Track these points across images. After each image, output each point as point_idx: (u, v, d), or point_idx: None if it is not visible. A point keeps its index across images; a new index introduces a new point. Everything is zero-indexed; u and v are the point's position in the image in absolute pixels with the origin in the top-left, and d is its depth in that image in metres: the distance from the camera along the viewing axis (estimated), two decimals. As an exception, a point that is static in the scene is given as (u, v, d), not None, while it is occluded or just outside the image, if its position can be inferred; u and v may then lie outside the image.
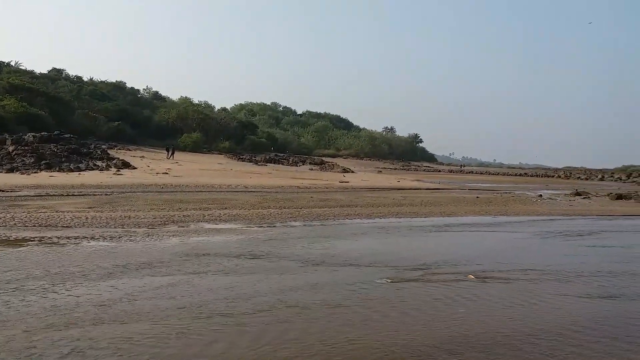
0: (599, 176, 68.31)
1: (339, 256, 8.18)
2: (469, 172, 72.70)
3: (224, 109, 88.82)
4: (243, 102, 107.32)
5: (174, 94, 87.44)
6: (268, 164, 45.16)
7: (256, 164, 44.21)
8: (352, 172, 43.95)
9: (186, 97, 78.95)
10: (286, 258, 7.81)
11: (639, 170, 76.20)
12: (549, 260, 8.73)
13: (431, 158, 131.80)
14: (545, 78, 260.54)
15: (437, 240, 10.88)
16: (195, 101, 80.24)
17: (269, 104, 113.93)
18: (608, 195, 27.56)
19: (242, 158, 49.54)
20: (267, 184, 23.00)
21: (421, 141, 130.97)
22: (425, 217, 14.50)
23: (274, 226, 11.14)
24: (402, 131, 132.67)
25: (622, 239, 12.07)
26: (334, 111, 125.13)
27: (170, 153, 40.46)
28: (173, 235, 9.33)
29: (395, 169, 67.64)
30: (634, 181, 57.65)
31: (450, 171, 72.68)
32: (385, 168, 65.15)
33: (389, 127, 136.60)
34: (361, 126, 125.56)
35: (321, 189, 23.16)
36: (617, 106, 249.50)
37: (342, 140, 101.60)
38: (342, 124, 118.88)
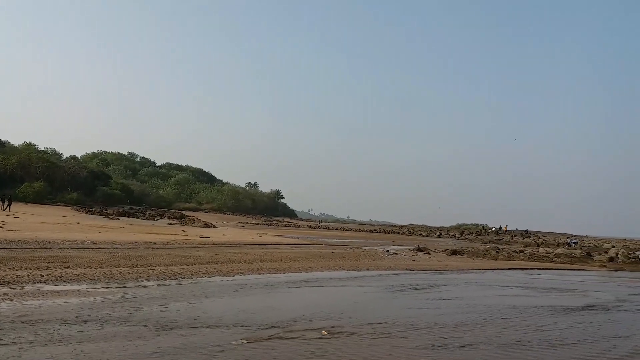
0: (438, 233, 76.05)
1: (195, 317, 7.93)
2: (326, 228, 75.62)
3: (74, 157, 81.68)
4: (96, 151, 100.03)
5: (16, 139, 78.38)
6: (121, 218, 42.16)
7: (108, 217, 40.99)
8: (214, 226, 43.03)
9: (30, 143, 71.38)
10: (136, 322, 7.34)
11: (470, 228, 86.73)
12: (394, 313, 9.45)
13: (292, 214, 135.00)
14: (390, 143, 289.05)
15: (294, 296, 11.09)
16: (41, 148, 72.95)
17: (125, 153, 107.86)
18: (445, 251, 30.81)
19: (91, 211, 45.67)
20: (118, 240, 21.42)
21: (282, 197, 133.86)
22: (284, 273, 14.72)
23: (124, 287, 10.41)
24: (265, 187, 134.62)
25: (456, 292, 13.50)
26: (196, 164, 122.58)
27: (6, 204, 35.99)
28: (3, 299, 8.20)
29: (258, 224, 67.72)
30: (466, 238, 65.39)
31: (309, 227, 74.84)
32: (248, 223, 64.90)
33: (253, 183, 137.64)
34: (224, 180, 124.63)
35: (180, 245, 22.26)
36: (451, 170, 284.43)
37: (204, 194, 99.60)
38: (205, 178, 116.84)
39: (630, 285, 17.44)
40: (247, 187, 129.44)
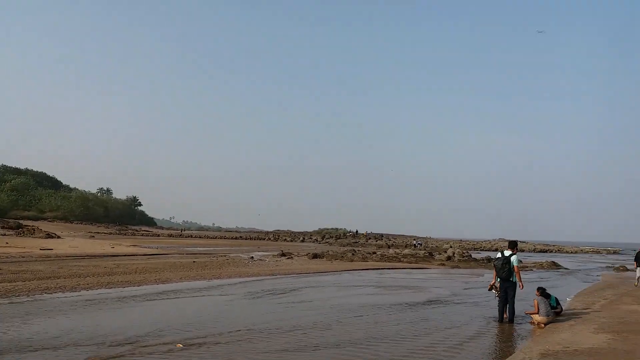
0: (301, 238, 78.19)
1: (29, 338, 7.10)
2: (189, 236, 73.29)
3: None
4: None
5: None
6: (-61, 229, 36.08)
7: None
8: (59, 237, 39.03)
9: None
10: (-46, 350, 6.34)
11: (330, 232, 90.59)
12: (254, 319, 9.48)
13: (151, 222, 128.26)
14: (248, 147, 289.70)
15: (148, 310, 10.50)
16: None
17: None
18: (307, 255, 31.81)
19: None
20: None
21: (140, 204, 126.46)
22: (139, 286, 13.93)
23: (-60, 310, 8.94)
24: (120, 193, 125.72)
25: (315, 294, 13.98)
26: (39, 167, 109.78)
27: None
28: None
29: (111, 233, 63.33)
30: (327, 242, 68.32)
31: (170, 235, 71.82)
32: (99, 232, 60.25)
33: (105, 189, 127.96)
34: (72, 186, 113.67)
35: (15, 258, 19.78)
36: (314, 175, 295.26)
37: (47, 200, 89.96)
38: (49, 183, 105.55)
39: (463, 281, 19.72)
40: (99, 194, 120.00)
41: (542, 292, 10.46)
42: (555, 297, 10.83)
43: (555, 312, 10.46)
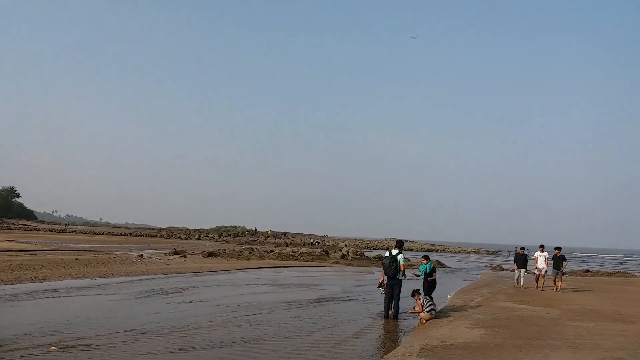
0: (197, 235, 76.15)
1: None
2: (73, 232, 68.24)
3: None
4: None
5: None
6: None
7: None
8: None
9: None
10: None
11: (229, 230, 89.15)
12: (139, 320, 9.04)
13: (30, 215, 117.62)
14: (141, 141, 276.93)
15: (23, 310, 9.62)
16: None
17: None
18: (202, 253, 31.08)
19: None
20: None
21: (19, 196, 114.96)
22: (12, 284, 12.83)
23: None
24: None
25: (207, 293, 13.68)
26: None
27: None
28: None
29: (-18, 227, 57.00)
30: (224, 240, 67.20)
31: (52, 230, 66.35)
32: (-34, 226, 53.84)
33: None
34: None
35: None
36: (214, 174, 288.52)
37: None
38: None
39: (355, 279, 20.49)
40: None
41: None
42: (432, 264, 12.13)
43: (432, 280, 11.65)
